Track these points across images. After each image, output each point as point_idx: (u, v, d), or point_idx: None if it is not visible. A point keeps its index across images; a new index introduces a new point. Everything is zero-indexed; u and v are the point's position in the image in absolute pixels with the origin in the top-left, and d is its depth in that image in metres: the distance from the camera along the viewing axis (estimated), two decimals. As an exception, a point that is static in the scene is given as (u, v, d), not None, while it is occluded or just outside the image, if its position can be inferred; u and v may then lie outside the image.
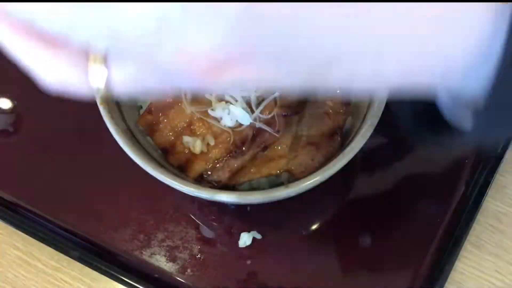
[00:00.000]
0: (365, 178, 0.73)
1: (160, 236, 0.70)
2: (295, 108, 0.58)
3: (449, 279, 0.68)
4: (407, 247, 0.69)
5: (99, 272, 0.68)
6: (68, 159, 0.73)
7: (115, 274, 0.68)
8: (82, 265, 0.69)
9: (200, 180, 0.60)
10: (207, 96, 0.60)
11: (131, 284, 0.67)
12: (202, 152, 0.60)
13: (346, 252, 0.69)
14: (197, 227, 0.70)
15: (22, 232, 0.70)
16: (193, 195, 0.57)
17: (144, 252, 0.69)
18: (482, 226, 0.71)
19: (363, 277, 0.68)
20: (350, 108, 0.61)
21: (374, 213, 0.70)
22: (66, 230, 0.71)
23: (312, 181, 0.55)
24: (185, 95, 0.60)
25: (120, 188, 0.72)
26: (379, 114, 0.58)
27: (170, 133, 0.61)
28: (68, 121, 0.75)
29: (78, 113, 0.77)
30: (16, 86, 0.76)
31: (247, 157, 0.58)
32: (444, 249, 0.68)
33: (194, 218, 0.71)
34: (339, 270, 0.68)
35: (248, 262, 0.69)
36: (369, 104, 0.61)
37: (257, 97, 0.59)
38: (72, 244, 0.69)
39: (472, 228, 0.70)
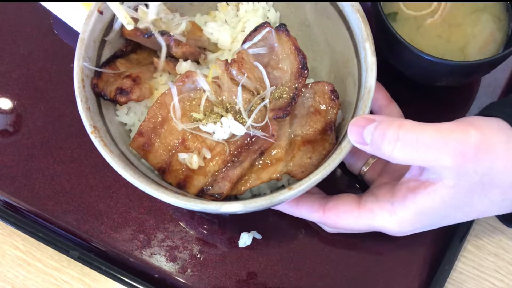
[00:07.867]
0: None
1: (160, 236, 0.70)
2: (285, 109, 0.57)
3: (449, 279, 0.68)
4: (408, 247, 0.69)
5: (99, 272, 0.68)
6: (68, 159, 0.73)
7: (115, 274, 0.68)
8: (82, 265, 0.69)
9: (201, 195, 0.59)
10: (195, 115, 0.58)
11: (131, 284, 0.67)
12: (200, 167, 0.58)
13: (346, 251, 0.69)
14: (197, 227, 0.70)
15: (22, 232, 0.70)
16: (197, 210, 0.55)
17: (144, 252, 0.69)
18: (482, 226, 0.71)
19: (363, 276, 0.68)
20: (339, 102, 0.60)
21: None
22: (66, 230, 0.71)
23: (314, 179, 0.54)
24: (174, 111, 0.58)
25: (120, 188, 0.72)
26: (369, 104, 0.57)
27: (165, 152, 0.60)
28: (68, 122, 0.75)
29: (78, 113, 0.77)
30: (16, 86, 0.77)
31: (245, 165, 0.58)
32: (444, 249, 0.68)
33: (194, 218, 0.71)
34: (339, 269, 0.68)
35: (248, 262, 0.69)
36: (358, 95, 0.60)
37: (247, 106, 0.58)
38: (72, 244, 0.69)
39: (472, 228, 0.70)
